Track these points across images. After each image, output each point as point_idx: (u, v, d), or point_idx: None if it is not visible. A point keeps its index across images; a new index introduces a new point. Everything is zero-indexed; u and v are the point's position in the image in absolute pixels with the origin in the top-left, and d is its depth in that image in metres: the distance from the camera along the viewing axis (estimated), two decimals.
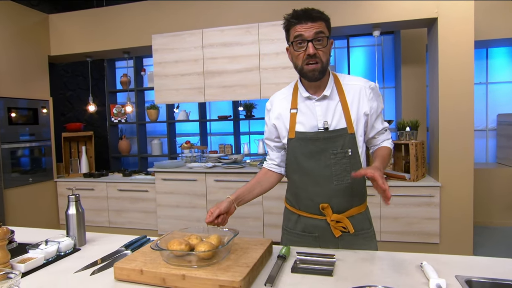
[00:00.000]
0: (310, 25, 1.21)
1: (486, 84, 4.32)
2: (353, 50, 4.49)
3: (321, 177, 1.30)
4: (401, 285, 0.97)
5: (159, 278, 1.00)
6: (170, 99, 3.64)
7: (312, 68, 1.24)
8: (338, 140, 1.28)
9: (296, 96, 1.37)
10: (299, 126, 1.33)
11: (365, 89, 1.32)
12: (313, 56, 1.22)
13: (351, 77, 1.38)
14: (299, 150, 1.32)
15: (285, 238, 1.46)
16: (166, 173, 3.55)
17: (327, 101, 1.31)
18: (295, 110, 1.35)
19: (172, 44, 3.53)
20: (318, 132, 1.30)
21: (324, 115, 1.30)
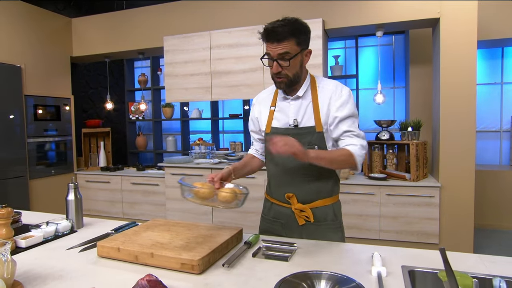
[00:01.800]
0: (275, 45, 1.29)
1: (501, 84, 4.22)
2: (364, 50, 4.51)
3: (289, 168, 1.43)
4: (348, 272, 1.06)
5: (133, 255, 1.14)
6: (180, 97, 3.82)
7: (279, 82, 1.37)
8: (306, 137, 1.40)
9: (276, 95, 1.50)
10: (274, 122, 1.47)
11: (335, 93, 1.39)
12: (278, 73, 1.34)
13: (327, 81, 1.46)
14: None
15: (261, 223, 1.62)
16: (175, 168, 3.73)
17: (300, 101, 1.42)
18: (273, 107, 1.49)
19: (182, 45, 3.71)
20: (288, 128, 1.43)
21: (296, 113, 1.42)
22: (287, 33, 1.28)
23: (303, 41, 1.33)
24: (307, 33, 1.35)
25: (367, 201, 3.14)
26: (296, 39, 1.30)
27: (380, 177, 3.18)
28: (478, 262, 1.13)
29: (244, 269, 1.11)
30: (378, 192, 3.11)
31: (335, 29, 3.32)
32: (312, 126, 1.40)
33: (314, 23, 3.20)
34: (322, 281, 1.00)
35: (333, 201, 1.46)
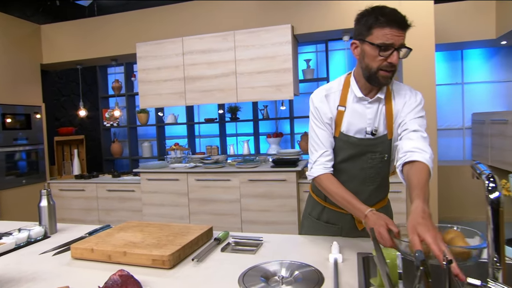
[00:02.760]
0: (400, 33, 1.14)
1: (462, 84, 4.49)
2: (334, 53, 4.68)
3: (355, 178, 1.32)
4: (307, 260, 1.15)
5: (106, 255, 1.19)
6: (154, 103, 3.85)
7: (388, 76, 1.19)
8: (379, 146, 1.28)
9: (346, 93, 1.30)
10: (345, 127, 1.30)
11: (411, 97, 1.28)
12: (393, 65, 1.17)
13: (402, 85, 1.34)
14: (339, 151, 1.32)
15: (307, 224, 1.51)
16: (151, 174, 3.75)
17: (377, 104, 1.28)
18: (343, 108, 1.29)
19: (155, 51, 3.74)
20: (362, 139, 1.28)
21: (374, 119, 1.27)
22: (408, 21, 1.16)
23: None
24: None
25: None
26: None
27: None
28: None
29: (212, 262, 1.18)
30: None
31: (304, 34, 3.46)
32: (385, 134, 1.28)
33: (283, 29, 3.32)
34: (283, 269, 1.08)
35: (386, 202, 1.46)
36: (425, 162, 1.11)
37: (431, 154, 1.15)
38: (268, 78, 3.44)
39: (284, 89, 3.39)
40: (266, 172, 3.38)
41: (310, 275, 1.03)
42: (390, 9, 1.15)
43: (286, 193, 3.32)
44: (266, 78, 3.44)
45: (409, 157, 1.14)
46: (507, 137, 3.32)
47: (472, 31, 3.78)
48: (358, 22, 1.21)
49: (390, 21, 1.12)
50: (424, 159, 1.12)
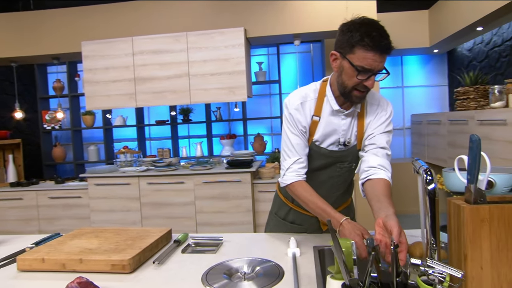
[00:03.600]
0: (381, 59, 1.10)
1: (402, 87, 4.87)
2: (285, 57, 4.82)
3: (322, 185, 1.34)
4: (267, 256, 1.20)
5: (59, 264, 1.13)
6: (102, 105, 3.67)
7: (361, 96, 1.18)
8: (349, 156, 1.30)
9: (321, 102, 1.27)
10: (318, 137, 1.28)
11: (381, 107, 1.29)
12: (368, 88, 1.16)
13: (375, 95, 1.32)
14: (310, 160, 1.30)
15: (272, 223, 1.53)
16: (99, 178, 3.57)
17: (351, 117, 1.28)
18: (317, 118, 1.27)
19: (103, 51, 3.58)
20: (333, 151, 1.29)
21: (347, 130, 1.27)
22: (391, 46, 1.10)
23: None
24: None
25: None
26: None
27: None
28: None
29: (173, 264, 1.18)
30: None
31: (256, 38, 3.53)
32: (355, 145, 1.29)
33: (236, 32, 3.37)
34: (245, 265, 1.12)
35: (349, 202, 1.51)
36: (388, 180, 1.19)
37: (391, 173, 1.22)
38: (221, 80, 3.46)
39: (238, 91, 3.44)
40: (220, 174, 3.39)
41: (271, 270, 1.08)
42: (377, 32, 1.08)
43: (241, 194, 3.36)
44: (219, 80, 3.45)
45: (373, 173, 1.20)
46: (440, 136, 3.68)
47: (409, 39, 4.14)
48: (342, 34, 1.15)
49: (374, 46, 1.07)
50: (387, 177, 1.19)
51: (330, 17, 3.35)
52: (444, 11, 3.68)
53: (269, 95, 4.84)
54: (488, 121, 2.77)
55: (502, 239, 0.72)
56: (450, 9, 3.55)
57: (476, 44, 3.85)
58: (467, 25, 3.21)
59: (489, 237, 0.72)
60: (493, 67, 3.54)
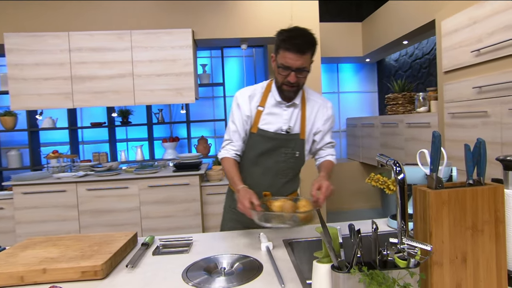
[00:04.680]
0: (297, 57, 1.30)
1: (338, 93, 5.24)
2: (228, 60, 4.87)
3: (270, 170, 1.49)
4: (242, 252, 1.23)
5: (17, 277, 1.02)
6: (31, 104, 3.33)
7: (290, 90, 1.40)
8: (291, 143, 1.48)
9: (267, 96, 1.48)
10: (263, 124, 1.46)
11: (322, 106, 1.52)
12: (293, 84, 1.36)
13: (313, 93, 1.57)
14: (257, 145, 1.48)
15: (228, 217, 1.63)
16: (28, 186, 3.22)
17: (293, 109, 1.48)
18: (262, 108, 1.47)
19: (32, 45, 3.24)
20: (277, 133, 1.46)
21: (289, 120, 1.47)
22: (309, 45, 1.31)
23: (314, 53, 1.38)
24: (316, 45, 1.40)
25: None
26: (312, 52, 1.35)
27: None
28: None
29: (148, 266, 1.14)
30: None
31: (203, 40, 3.53)
32: (297, 134, 1.48)
33: (184, 33, 3.33)
34: (223, 262, 1.14)
35: (297, 194, 1.65)
36: (333, 161, 1.56)
37: (336, 155, 1.60)
38: (168, 81, 3.37)
39: (186, 93, 3.39)
40: (167, 177, 3.30)
41: (249, 264, 1.11)
42: (295, 34, 1.31)
43: (189, 197, 3.31)
44: (166, 81, 3.37)
45: (324, 157, 1.57)
46: (373, 138, 4.06)
47: (345, 48, 4.50)
48: (275, 39, 1.37)
49: (291, 47, 1.29)
50: (333, 158, 1.57)
51: (276, 24, 3.48)
52: (376, 24, 4.09)
53: (212, 98, 4.84)
54: (415, 124, 3.14)
55: (457, 217, 0.86)
56: (380, 23, 3.95)
57: (401, 56, 4.34)
58: (395, 39, 3.61)
59: (448, 216, 0.85)
60: (416, 76, 4.02)
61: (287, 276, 1.02)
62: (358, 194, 4.73)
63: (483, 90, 2.28)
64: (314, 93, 1.56)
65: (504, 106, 2.12)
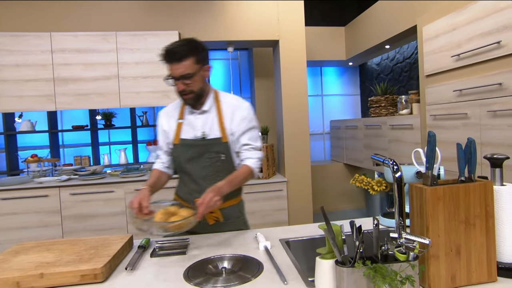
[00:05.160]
0: (176, 66, 1.36)
1: (321, 96, 5.33)
2: (213, 63, 4.87)
3: (198, 177, 1.52)
4: (240, 252, 1.24)
5: (12, 283, 1.00)
6: (11, 107, 3.22)
7: (186, 98, 1.45)
8: (214, 147, 1.50)
9: (183, 108, 1.56)
10: (183, 134, 1.53)
11: (236, 107, 1.53)
12: (183, 91, 1.41)
13: (228, 95, 1.59)
14: (181, 154, 1.52)
15: None
16: (7, 191, 3.10)
17: (206, 115, 1.52)
18: (182, 120, 1.55)
19: (12, 45, 3.14)
20: (196, 139, 1.51)
21: (203, 126, 1.52)
22: (186, 52, 1.35)
23: (201, 58, 1.41)
24: (204, 50, 1.44)
25: None
26: (195, 57, 1.38)
27: None
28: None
29: (147, 268, 1.14)
30: None
31: None
32: (219, 137, 1.51)
33: (171, 35, 3.31)
34: (224, 262, 1.14)
35: (238, 201, 1.63)
36: (250, 165, 1.49)
37: (256, 159, 1.52)
38: (154, 83, 3.34)
39: (173, 95, 3.35)
40: None
41: (249, 264, 1.12)
42: (168, 46, 1.38)
43: None
44: (152, 83, 3.34)
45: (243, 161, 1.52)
46: (357, 140, 4.15)
47: (328, 52, 4.58)
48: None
49: (167, 59, 1.37)
50: (251, 163, 1.50)
51: (262, 27, 3.53)
52: (359, 29, 4.20)
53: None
54: (398, 125, 3.24)
55: (451, 212, 0.90)
56: (363, 28, 4.06)
57: (383, 60, 4.47)
58: (378, 43, 3.71)
59: (443, 211, 0.90)
60: (397, 80, 4.15)
61: (288, 274, 1.03)
62: (342, 195, 4.81)
63: (463, 93, 2.39)
64: (229, 95, 1.60)
65: (483, 108, 2.22)
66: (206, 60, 1.46)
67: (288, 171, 3.61)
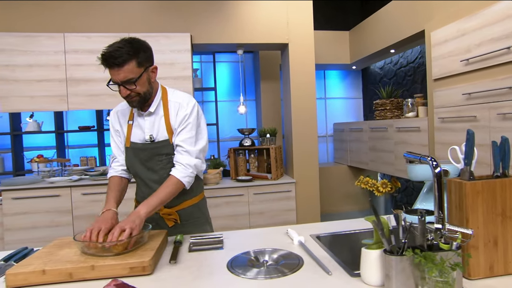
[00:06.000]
0: (117, 71, 1.29)
1: (325, 99, 5.39)
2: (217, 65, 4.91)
3: (151, 180, 1.48)
4: (275, 246, 1.29)
5: (65, 274, 1.03)
6: (22, 107, 3.23)
7: (131, 102, 1.38)
8: (163, 150, 1.45)
9: (132, 109, 1.50)
10: (133, 137, 1.48)
11: (181, 105, 1.45)
12: (128, 96, 1.35)
13: (177, 94, 1.51)
14: (133, 158, 1.48)
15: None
16: (19, 191, 3.11)
17: (153, 116, 1.46)
18: (131, 122, 1.49)
19: (24, 45, 3.16)
20: (145, 143, 1.46)
21: (151, 129, 1.46)
22: (126, 55, 1.27)
23: (144, 60, 1.34)
24: (147, 51, 1.37)
25: (237, 201, 3.48)
26: (136, 60, 1.30)
27: (246, 179, 3.58)
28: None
29: (189, 262, 1.17)
30: (247, 192, 3.49)
31: (201, 45, 3.56)
32: (166, 140, 1.45)
33: (183, 37, 3.35)
34: (266, 255, 1.19)
35: (197, 200, 1.58)
36: (174, 175, 1.40)
37: (185, 166, 1.41)
38: (166, 85, 3.33)
39: None
40: None
41: (289, 256, 1.17)
42: (105, 51, 1.29)
43: None
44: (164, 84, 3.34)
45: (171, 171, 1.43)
46: (362, 142, 4.22)
47: (333, 55, 4.66)
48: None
49: (106, 65, 1.31)
50: (177, 173, 1.40)
51: (272, 30, 3.58)
52: (364, 33, 4.28)
53: (202, 102, 4.86)
54: (405, 128, 3.31)
55: (489, 205, 0.96)
56: (369, 32, 4.14)
57: (386, 64, 4.55)
58: (384, 47, 3.80)
59: (482, 204, 0.95)
60: (400, 83, 4.24)
61: (329, 266, 1.08)
62: (346, 197, 4.87)
63: (472, 97, 2.47)
64: (177, 93, 1.51)
65: (492, 111, 2.30)
66: (151, 61, 1.39)
67: (297, 172, 3.66)
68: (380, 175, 4.76)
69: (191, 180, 1.44)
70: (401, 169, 3.42)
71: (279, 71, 4.56)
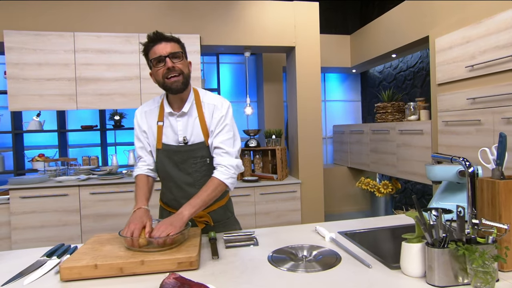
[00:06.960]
0: (164, 45, 1.34)
1: (325, 101, 5.48)
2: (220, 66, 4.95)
3: (184, 183, 1.47)
4: (309, 242, 1.34)
5: (116, 268, 1.07)
6: (31, 105, 3.21)
7: (174, 80, 1.36)
8: (198, 152, 1.45)
9: (162, 110, 1.47)
10: (164, 139, 1.46)
11: (216, 107, 1.46)
12: (173, 69, 1.34)
13: (210, 95, 1.51)
14: (165, 160, 1.47)
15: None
16: (26, 190, 3.10)
17: (186, 117, 1.45)
18: (161, 122, 1.46)
19: (34, 44, 3.15)
20: (179, 145, 1.45)
21: (184, 130, 1.44)
22: (175, 38, 1.40)
23: (185, 50, 1.43)
24: (183, 45, 1.45)
25: (244, 201, 3.52)
26: (179, 44, 1.40)
27: (253, 180, 3.63)
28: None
29: (229, 257, 1.22)
30: (253, 192, 3.54)
31: (208, 46, 3.60)
32: (201, 142, 1.45)
33: (193, 38, 3.39)
34: (304, 250, 1.24)
35: (225, 201, 1.61)
36: (216, 177, 1.40)
37: (227, 167, 1.41)
38: None
39: None
40: None
41: (326, 252, 1.23)
42: (154, 32, 1.36)
43: None
44: None
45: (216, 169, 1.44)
46: (363, 144, 4.31)
47: (334, 59, 4.75)
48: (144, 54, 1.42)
49: (154, 42, 1.35)
50: (219, 175, 1.40)
51: (280, 33, 3.65)
52: (365, 37, 4.38)
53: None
54: (407, 131, 3.42)
55: None
56: (371, 36, 4.24)
57: (385, 68, 4.67)
58: (386, 52, 3.90)
59: None
60: (400, 87, 4.35)
61: (367, 260, 1.14)
62: (346, 198, 4.96)
63: (476, 101, 2.57)
64: (210, 95, 1.52)
65: (496, 115, 2.41)
66: (187, 56, 1.45)
67: (302, 173, 3.73)
68: (379, 177, 4.87)
69: (234, 181, 1.44)
70: (404, 171, 3.53)
71: (282, 73, 4.63)
